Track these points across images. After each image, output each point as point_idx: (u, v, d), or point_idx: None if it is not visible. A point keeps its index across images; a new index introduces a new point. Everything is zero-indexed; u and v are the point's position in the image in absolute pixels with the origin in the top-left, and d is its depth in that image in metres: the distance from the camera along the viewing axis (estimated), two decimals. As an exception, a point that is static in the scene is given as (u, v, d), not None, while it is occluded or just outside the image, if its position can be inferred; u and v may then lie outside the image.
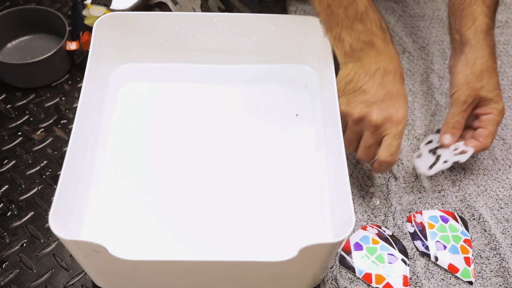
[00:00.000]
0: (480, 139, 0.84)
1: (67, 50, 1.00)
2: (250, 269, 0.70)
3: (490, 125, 0.84)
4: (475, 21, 0.83)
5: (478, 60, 0.82)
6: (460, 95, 0.83)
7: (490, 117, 0.84)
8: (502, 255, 0.85)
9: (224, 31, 0.91)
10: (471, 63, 0.82)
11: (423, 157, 0.87)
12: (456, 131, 0.85)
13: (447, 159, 0.86)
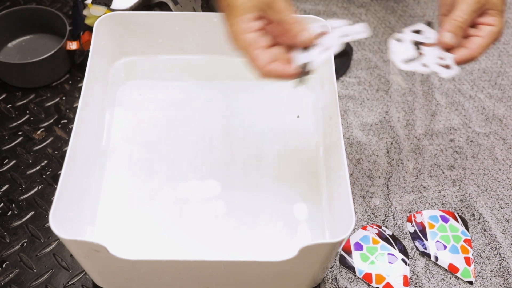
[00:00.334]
0: (472, 46, 0.71)
1: (68, 50, 1.00)
2: (250, 269, 0.70)
3: (488, 36, 0.71)
4: None
5: None
6: None
7: (491, 29, 0.71)
8: (502, 255, 0.85)
9: (224, 31, 0.91)
10: None
11: (404, 45, 0.73)
12: (460, 33, 0.71)
13: (428, 63, 0.71)
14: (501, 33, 0.73)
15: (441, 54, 0.71)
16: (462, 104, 1.02)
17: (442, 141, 0.97)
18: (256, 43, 0.66)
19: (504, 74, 1.07)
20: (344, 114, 1.00)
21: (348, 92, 1.03)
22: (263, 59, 0.65)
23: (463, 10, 0.70)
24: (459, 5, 0.71)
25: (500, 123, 1.00)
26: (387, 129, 0.98)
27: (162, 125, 0.90)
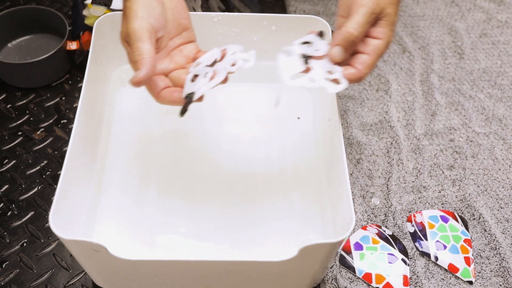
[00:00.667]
0: (359, 66, 0.67)
1: (68, 50, 1.00)
2: (250, 269, 0.70)
3: (374, 53, 0.67)
4: None
5: None
6: (369, 1, 0.66)
7: (377, 44, 0.67)
8: (502, 255, 0.85)
9: (224, 31, 0.91)
10: None
11: (292, 58, 0.69)
12: (351, 47, 0.67)
13: (316, 78, 0.68)
14: (388, 46, 0.69)
15: (330, 68, 0.68)
16: (462, 104, 1.02)
17: (442, 141, 0.97)
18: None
19: (504, 74, 1.07)
20: (344, 114, 1.00)
21: (348, 92, 1.03)
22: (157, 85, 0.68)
23: (358, 22, 0.66)
24: (355, 15, 0.67)
25: (500, 123, 1.00)
26: (387, 129, 0.98)
27: (163, 125, 0.90)
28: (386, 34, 0.68)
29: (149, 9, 0.68)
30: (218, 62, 0.70)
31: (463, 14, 1.17)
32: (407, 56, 1.09)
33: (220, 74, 0.69)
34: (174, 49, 0.73)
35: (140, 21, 0.67)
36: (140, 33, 0.66)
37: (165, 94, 0.68)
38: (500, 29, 1.15)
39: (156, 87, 0.68)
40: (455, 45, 1.12)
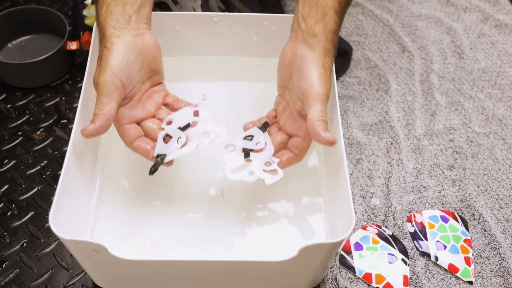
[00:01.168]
0: (295, 150, 0.75)
1: (68, 50, 1.00)
2: (250, 269, 0.70)
3: (307, 136, 0.74)
4: (325, 15, 0.72)
5: (327, 59, 0.72)
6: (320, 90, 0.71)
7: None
8: (502, 255, 0.85)
9: (224, 31, 0.91)
10: (321, 62, 0.72)
11: (235, 153, 0.75)
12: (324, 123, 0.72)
13: (255, 171, 0.74)
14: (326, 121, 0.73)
15: (267, 160, 0.75)
16: (462, 104, 1.03)
17: (442, 141, 0.97)
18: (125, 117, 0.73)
19: (503, 74, 1.08)
20: (344, 114, 1.00)
21: (348, 92, 1.03)
22: (129, 134, 0.73)
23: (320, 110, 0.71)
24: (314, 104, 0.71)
25: (500, 123, 1.00)
26: (387, 129, 0.98)
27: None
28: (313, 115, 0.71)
29: (123, 59, 0.70)
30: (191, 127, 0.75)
31: (459, 14, 1.17)
32: (407, 56, 1.09)
33: (192, 142, 0.74)
34: (145, 94, 0.77)
35: (111, 76, 0.70)
36: (108, 88, 0.70)
37: (138, 145, 0.73)
38: (498, 28, 1.15)
39: (129, 136, 0.73)
40: (454, 45, 1.12)
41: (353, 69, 1.07)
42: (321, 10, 0.73)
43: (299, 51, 0.74)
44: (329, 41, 0.73)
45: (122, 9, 0.72)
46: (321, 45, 0.73)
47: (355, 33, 1.13)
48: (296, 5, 0.75)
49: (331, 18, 0.73)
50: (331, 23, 0.73)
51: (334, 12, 0.73)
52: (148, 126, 0.76)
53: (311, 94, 0.71)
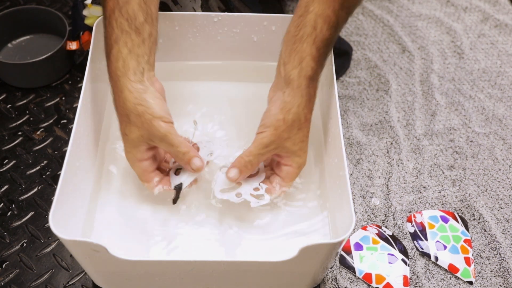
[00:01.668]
0: (274, 185, 0.79)
1: (68, 50, 1.00)
2: (250, 269, 0.70)
3: (287, 176, 0.78)
4: (301, 61, 0.74)
5: (294, 108, 0.74)
6: (265, 137, 0.75)
7: (289, 169, 0.78)
8: (502, 255, 0.85)
9: (224, 31, 0.91)
10: (287, 109, 0.74)
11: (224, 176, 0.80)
12: (246, 170, 0.77)
13: (242, 193, 0.79)
14: (304, 163, 0.78)
15: (256, 185, 0.79)
16: (462, 104, 1.03)
17: (442, 141, 0.97)
18: (148, 168, 0.77)
19: (503, 74, 1.08)
20: (344, 114, 1.00)
21: (348, 92, 1.03)
22: (154, 181, 0.78)
23: (251, 152, 0.76)
24: (252, 144, 0.77)
25: (500, 123, 1.00)
26: (387, 129, 0.98)
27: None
28: (292, 161, 0.77)
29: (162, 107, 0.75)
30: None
31: (459, 14, 1.17)
32: (407, 56, 1.09)
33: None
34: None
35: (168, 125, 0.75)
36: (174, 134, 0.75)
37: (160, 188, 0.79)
38: (498, 28, 1.15)
39: (152, 182, 0.78)
40: (454, 45, 1.12)
41: (353, 69, 1.07)
42: (299, 56, 0.74)
43: (275, 97, 0.76)
44: (303, 87, 0.74)
45: (137, 62, 0.75)
46: (292, 92, 0.75)
47: (355, 33, 1.13)
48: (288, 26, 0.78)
49: (308, 64, 0.74)
50: (307, 70, 0.74)
51: (311, 58, 0.74)
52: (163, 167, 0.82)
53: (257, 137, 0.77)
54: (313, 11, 0.74)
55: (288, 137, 0.75)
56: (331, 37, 0.75)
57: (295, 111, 0.75)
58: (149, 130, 0.74)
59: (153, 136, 0.74)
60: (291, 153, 0.77)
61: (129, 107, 0.73)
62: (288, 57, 0.75)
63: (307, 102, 0.75)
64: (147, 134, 0.74)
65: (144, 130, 0.74)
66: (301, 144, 0.76)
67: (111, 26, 0.75)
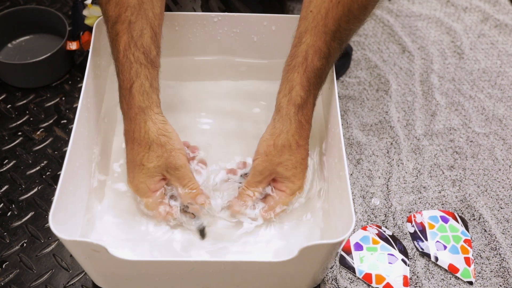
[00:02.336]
0: (265, 208, 0.80)
1: (68, 50, 1.00)
2: (250, 269, 0.70)
3: (280, 201, 0.79)
4: (291, 90, 0.76)
5: (283, 134, 0.76)
6: (258, 164, 0.78)
7: (282, 194, 0.79)
8: (502, 255, 0.85)
9: (224, 31, 0.91)
10: (276, 135, 0.77)
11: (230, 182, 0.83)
12: (249, 200, 0.79)
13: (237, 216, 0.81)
14: (300, 189, 0.80)
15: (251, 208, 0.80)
16: (462, 104, 1.03)
17: (442, 141, 0.97)
18: (159, 198, 0.78)
19: (503, 74, 1.08)
20: (344, 114, 1.00)
21: (348, 92, 1.03)
22: (163, 212, 0.78)
23: (249, 182, 0.79)
24: (249, 176, 0.80)
25: (500, 123, 1.00)
26: (387, 129, 0.98)
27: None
28: (287, 187, 0.79)
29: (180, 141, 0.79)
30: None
31: (459, 14, 1.17)
32: (407, 56, 1.09)
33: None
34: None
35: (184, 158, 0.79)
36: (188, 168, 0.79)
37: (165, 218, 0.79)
38: (498, 28, 1.15)
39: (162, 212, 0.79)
40: (454, 45, 1.12)
41: (353, 69, 1.07)
42: (289, 85, 0.77)
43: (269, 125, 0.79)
44: (292, 115, 0.76)
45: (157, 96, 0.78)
46: (281, 119, 0.77)
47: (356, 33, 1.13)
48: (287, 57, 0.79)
49: (297, 93, 0.76)
50: (296, 98, 0.76)
51: (300, 87, 0.76)
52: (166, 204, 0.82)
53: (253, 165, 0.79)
54: (305, 42, 0.76)
55: (280, 162, 0.77)
56: (322, 67, 0.76)
57: (284, 137, 0.77)
58: (168, 160, 0.76)
59: (170, 166, 0.77)
60: (285, 178, 0.78)
61: (152, 137, 0.76)
62: (281, 86, 0.78)
63: (297, 129, 0.77)
64: (165, 164, 0.77)
65: (163, 160, 0.76)
66: (294, 171, 0.78)
67: (129, 60, 0.76)
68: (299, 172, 0.79)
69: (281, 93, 0.77)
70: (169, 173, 0.77)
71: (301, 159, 0.78)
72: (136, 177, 0.77)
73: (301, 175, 0.79)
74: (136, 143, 0.76)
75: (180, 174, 0.77)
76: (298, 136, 0.77)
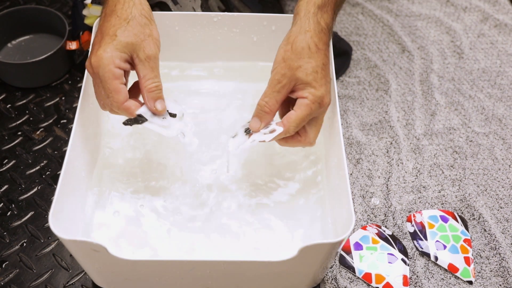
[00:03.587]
0: (285, 121, 0.73)
1: (67, 50, 1.00)
2: (250, 269, 0.70)
3: (300, 109, 0.72)
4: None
5: (301, 35, 0.72)
6: (276, 73, 0.72)
7: (303, 101, 0.72)
8: (502, 254, 0.85)
9: (224, 31, 0.92)
10: (293, 38, 0.72)
11: (238, 136, 0.77)
12: (266, 116, 0.73)
13: (255, 138, 0.75)
14: (322, 99, 0.73)
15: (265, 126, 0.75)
16: (462, 104, 1.03)
17: (441, 141, 0.97)
18: (122, 78, 0.71)
19: (503, 74, 1.08)
20: (344, 114, 1.00)
21: (348, 92, 1.03)
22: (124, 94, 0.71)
23: (266, 93, 0.73)
24: (266, 88, 0.73)
25: (500, 123, 1.00)
26: (387, 129, 0.98)
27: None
28: (308, 93, 0.72)
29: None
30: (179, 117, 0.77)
31: (459, 14, 1.17)
32: (407, 56, 1.09)
33: (171, 131, 0.75)
34: None
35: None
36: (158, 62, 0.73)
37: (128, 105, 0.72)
38: (497, 28, 1.15)
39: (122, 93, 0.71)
40: (454, 45, 1.12)
41: (353, 69, 1.07)
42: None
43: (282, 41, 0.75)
44: (310, 15, 0.73)
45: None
46: (299, 21, 0.73)
47: (355, 33, 1.13)
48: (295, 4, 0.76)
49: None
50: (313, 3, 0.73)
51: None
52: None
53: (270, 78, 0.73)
54: None
55: (299, 66, 0.71)
56: None
57: (302, 38, 0.72)
58: (143, 44, 0.71)
59: (142, 51, 0.71)
60: (305, 84, 0.72)
61: (135, 14, 0.72)
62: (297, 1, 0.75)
63: (316, 31, 0.72)
64: (138, 46, 0.71)
65: (138, 40, 0.71)
66: (315, 75, 0.72)
67: None
68: (320, 78, 0.72)
69: (299, 2, 0.74)
70: (139, 58, 0.72)
71: (322, 65, 0.72)
72: (102, 48, 0.70)
73: (323, 82, 0.72)
74: (114, 15, 0.72)
75: (149, 65, 0.72)
76: (317, 39, 0.72)
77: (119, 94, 0.71)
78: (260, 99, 0.73)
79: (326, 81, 0.73)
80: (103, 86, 0.71)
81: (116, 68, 0.70)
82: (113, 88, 0.70)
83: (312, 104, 0.72)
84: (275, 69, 0.73)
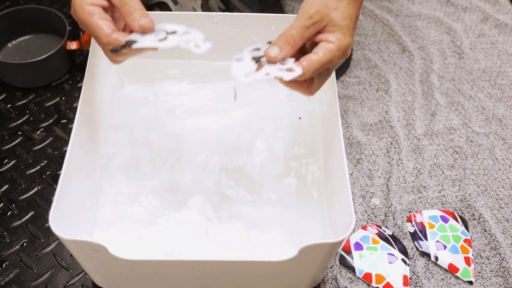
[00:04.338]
0: (303, 62, 0.67)
1: (68, 50, 1.00)
2: (250, 269, 0.70)
3: (322, 53, 0.67)
4: None
5: None
6: (309, 8, 0.67)
7: (328, 46, 0.67)
8: (502, 255, 0.85)
9: (224, 31, 0.91)
10: None
11: (244, 62, 0.70)
12: (287, 47, 0.67)
13: (270, 72, 0.68)
14: (346, 50, 0.68)
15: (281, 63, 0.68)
16: (462, 104, 1.03)
17: (442, 141, 0.97)
18: (100, 13, 0.67)
19: (503, 74, 1.08)
20: (344, 114, 1.00)
21: (348, 92, 1.03)
22: (106, 27, 0.66)
23: (293, 26, 0.67)
24: (294, 21, 0.68)
25: (500, 123, 1.00)
26: (387, 129, 0.98)
27: (163, 125, 0.90)
28: (335, 37, 0.67)
29: None
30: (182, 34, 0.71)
31: (459, 14, 1.17)
32: (407, 56, 1.09)
33: (170, 42, 0.68)
34: None
35: None
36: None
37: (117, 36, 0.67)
38: (498, 28, 1.15)
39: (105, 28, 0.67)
40: (454, 45, 1.12)
41: (353, 69, 1.07)
42: None
43: None
44: None
45: None
46: None
47: (355, 33, 1.13)
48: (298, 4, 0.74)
49: None
50: None
51: None
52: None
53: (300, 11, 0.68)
54: None
55: (336, 7, 0.67)
56: None
57: None
58: None
59: None
60: (337, 27, 0.67)
61: None
62: None
63: None
64: None
65: None
66: (348, 22, 0.68)
67: None
68: (351, 28, 0.68)
69: None
70: None
71: (355, 16, 0.69)
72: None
73: (352, 32, 0.68)
74: None
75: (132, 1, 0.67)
76: None
77: (99, 28, 0.66)
78: (286, 31, 0.67)
79: (354, 33, 0.69)
80: (86, 28, 0.68)
81: (89, 5, 0.67)
82: (93, 25, 0.67)
83: (337, 51, 0.67)
84: (308, 4, 0.67)
